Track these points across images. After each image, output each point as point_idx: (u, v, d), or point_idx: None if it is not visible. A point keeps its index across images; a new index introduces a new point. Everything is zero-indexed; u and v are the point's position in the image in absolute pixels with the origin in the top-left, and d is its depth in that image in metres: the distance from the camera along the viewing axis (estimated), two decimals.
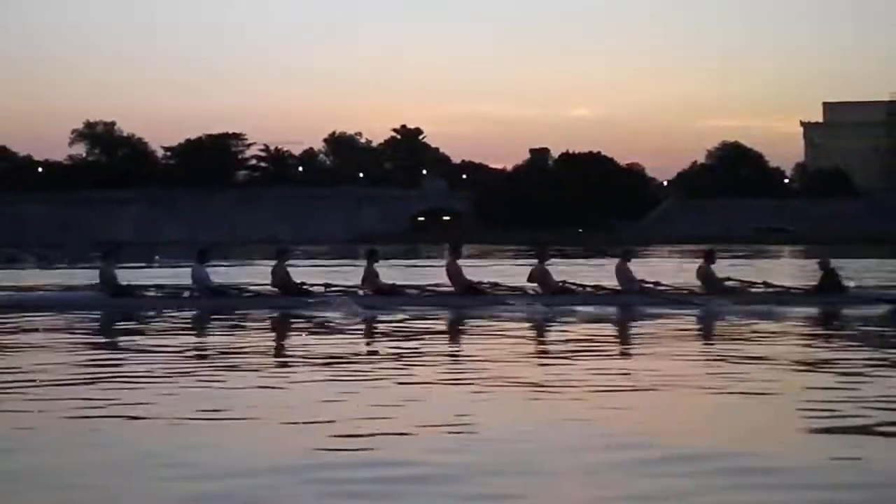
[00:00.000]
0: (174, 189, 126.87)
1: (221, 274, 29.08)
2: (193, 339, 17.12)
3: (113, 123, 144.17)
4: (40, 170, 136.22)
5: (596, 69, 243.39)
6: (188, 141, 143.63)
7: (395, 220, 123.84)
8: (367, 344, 16.74)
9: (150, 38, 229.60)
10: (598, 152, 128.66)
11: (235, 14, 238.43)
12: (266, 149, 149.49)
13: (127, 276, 24.58)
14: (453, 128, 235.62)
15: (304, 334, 17.62)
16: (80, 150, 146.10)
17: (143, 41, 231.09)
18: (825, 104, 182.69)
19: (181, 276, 24.63)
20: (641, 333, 17.44)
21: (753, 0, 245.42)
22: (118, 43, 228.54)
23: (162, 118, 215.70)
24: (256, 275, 23.61)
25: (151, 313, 20.35)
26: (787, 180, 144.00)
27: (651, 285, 22.06)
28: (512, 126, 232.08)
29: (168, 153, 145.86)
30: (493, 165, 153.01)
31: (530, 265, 23.10)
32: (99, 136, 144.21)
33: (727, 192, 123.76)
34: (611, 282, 22.48)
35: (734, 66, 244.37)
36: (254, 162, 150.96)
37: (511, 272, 29.29)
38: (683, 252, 61.58)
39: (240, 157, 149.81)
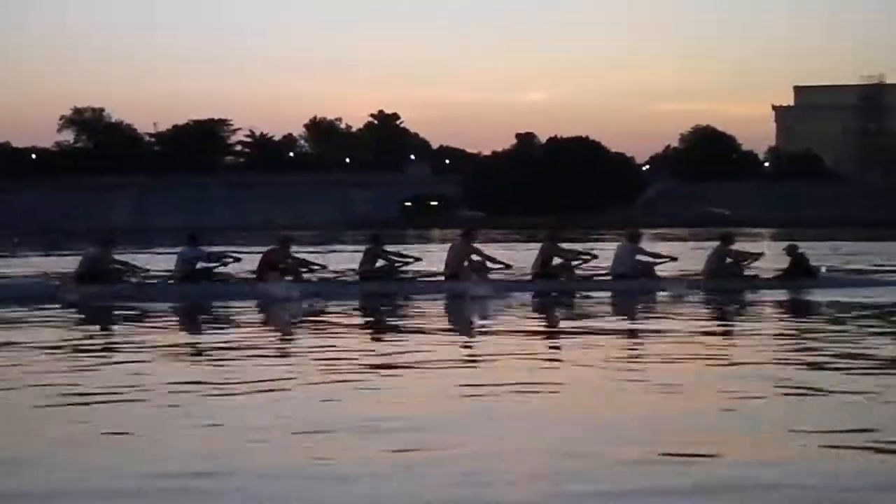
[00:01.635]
0: (168, 175, 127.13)
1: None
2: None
3: (101, 110, 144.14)
4: (34, 156, 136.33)
5: (554, 52, 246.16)
6: (175, 127, 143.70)
7: (386, 206, 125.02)
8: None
9: (131, 26, 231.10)
10: (586, 137, 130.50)
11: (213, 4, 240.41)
12: (252, 134, 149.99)
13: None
14: (413, 112, 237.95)
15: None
16: (68, 136, 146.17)
17: (126, 29, 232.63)
18: (796, 88, 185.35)
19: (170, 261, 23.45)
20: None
21: None
22: (101, 31, 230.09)
23: (143, 104, 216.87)
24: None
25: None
26: (766, 164, 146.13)
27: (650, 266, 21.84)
28: (470, 110, 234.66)
29: (152, 139, 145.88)
30: (466, 150, 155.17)
31: (525, 249, 23.27)
32: (87, 122, 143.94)
33: (703, 176, 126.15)
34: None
35: (698, 50, 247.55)
36: (239, 148, 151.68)
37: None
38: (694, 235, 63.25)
39: (224, 142, 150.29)
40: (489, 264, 21.58)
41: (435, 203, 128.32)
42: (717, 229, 36.03)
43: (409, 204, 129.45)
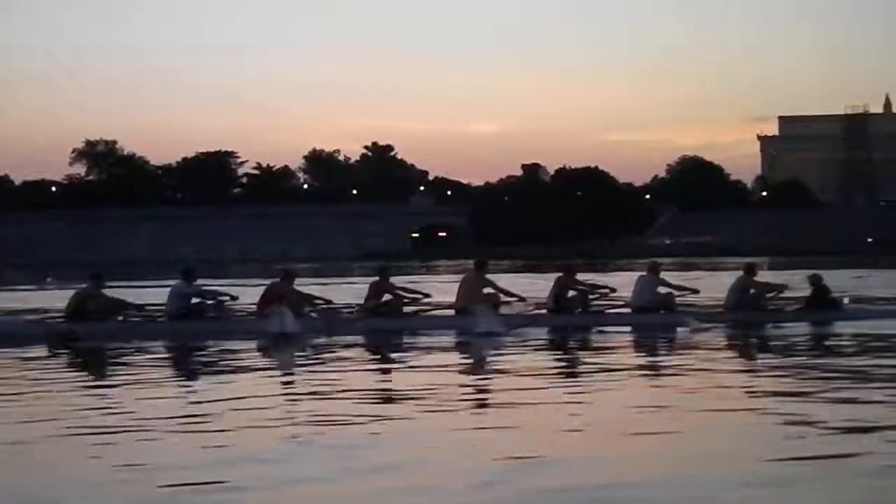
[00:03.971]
0: (183, 207, 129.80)
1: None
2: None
3: (114, 142, 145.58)
4: (53, 189, 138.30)
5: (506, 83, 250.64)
6: (185, 159, 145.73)
7: (395, 237, 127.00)
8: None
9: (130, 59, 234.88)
10: (596, 167, 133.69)
11: (211, 36, 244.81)
12: (259, 166, 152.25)
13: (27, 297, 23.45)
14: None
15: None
16: (79, 169, 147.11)
17: (130, 60, 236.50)
18: (780, 118, 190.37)
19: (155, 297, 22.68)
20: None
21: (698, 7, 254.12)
22: (107, 63, 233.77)
23: (145, 135, 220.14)
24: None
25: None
26: (764, 193, 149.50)
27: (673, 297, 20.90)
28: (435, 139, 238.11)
29: (159, 171, 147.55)
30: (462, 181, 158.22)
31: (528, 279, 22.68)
32: (100, 154, 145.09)
33: (698, 206, 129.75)
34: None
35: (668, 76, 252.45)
36: (245, 180, 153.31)
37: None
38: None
39: (234, 174, 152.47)
40: (503, 297, 20.47)
41: (444, 234, 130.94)
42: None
43: (416, 235, 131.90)
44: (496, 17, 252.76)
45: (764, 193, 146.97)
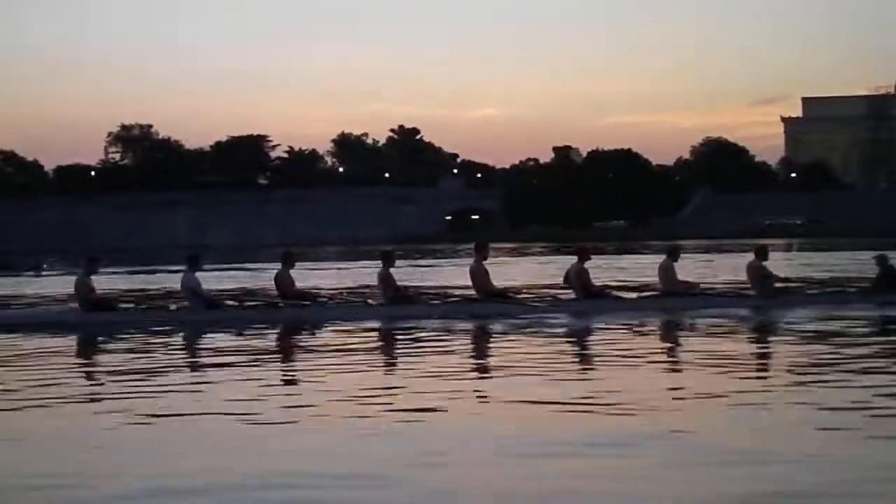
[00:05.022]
0: (220, 192, 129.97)
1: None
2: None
3: (150, 126, 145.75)
4: (92, 174, 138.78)
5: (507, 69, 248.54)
6: (218, 143, 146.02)
7: (431, 220, 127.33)
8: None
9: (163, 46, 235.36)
10: (629, 149, 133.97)
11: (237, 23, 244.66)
12: (291, 150, 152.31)
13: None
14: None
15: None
16: (113, 154, 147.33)
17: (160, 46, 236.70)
18: (804, 99, 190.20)
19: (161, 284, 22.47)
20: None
21: None
22: (139, 50, 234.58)
23: (178, 121, 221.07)
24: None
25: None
26: (793, 175, 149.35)
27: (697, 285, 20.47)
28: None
29: (192, 154, 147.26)
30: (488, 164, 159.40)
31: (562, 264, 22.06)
32: (135, 139, 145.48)
33: (724, 187, 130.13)
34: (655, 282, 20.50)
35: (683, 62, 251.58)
36: (278, 164, 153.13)
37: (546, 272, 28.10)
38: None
39: (267, 158, 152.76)
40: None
41: (476, 217, 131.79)
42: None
43: (449, 218, 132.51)
44: (501, 4, 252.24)
45: (793, 175, 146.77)
